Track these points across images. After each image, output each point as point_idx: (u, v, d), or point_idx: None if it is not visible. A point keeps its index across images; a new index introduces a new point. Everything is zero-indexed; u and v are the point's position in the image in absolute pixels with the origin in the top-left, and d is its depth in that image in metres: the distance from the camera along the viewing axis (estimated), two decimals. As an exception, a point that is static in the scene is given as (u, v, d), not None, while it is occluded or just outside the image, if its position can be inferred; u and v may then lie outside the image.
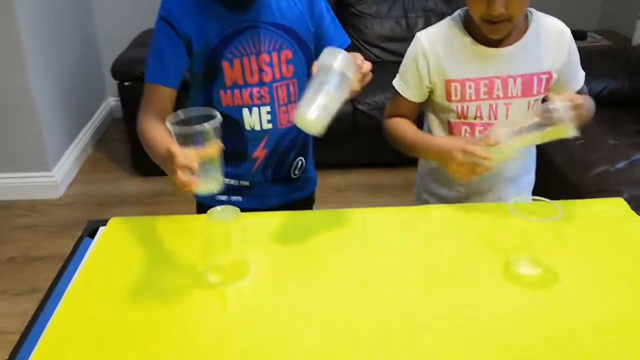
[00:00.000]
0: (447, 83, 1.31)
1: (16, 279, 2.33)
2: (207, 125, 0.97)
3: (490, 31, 1.24)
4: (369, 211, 1.29)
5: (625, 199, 2.04)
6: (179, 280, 1.05)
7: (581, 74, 1.38)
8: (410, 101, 1.38)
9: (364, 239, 1.19)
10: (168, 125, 0.99)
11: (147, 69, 1.28)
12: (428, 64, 1.31)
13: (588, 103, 1.29)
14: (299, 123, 1.04)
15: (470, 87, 1.30)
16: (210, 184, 1.00)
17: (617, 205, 1.29)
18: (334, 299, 1.01)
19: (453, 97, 1.32)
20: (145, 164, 3.02)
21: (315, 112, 1.02)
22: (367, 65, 1.13)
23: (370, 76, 1.15)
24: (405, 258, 1.12)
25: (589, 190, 2.08)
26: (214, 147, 0.99)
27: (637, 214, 2.02)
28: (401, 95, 1.39)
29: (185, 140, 0.97)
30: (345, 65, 1.06)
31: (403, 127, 1.41)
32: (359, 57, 1.13)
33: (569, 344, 0.91)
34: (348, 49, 1.18)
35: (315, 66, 1.08)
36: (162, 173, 2.74)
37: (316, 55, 1.34)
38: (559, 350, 0.90)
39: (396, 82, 1.40)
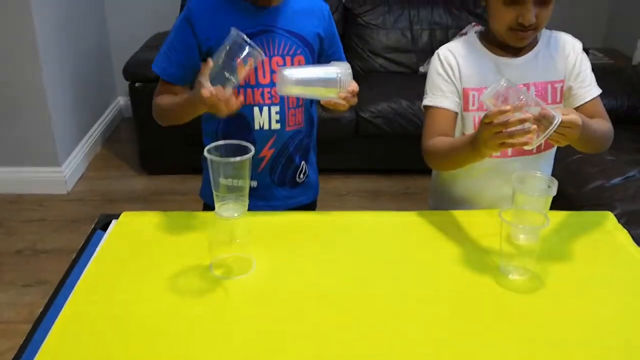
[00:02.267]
0: (466, 91, 1.36)
1: (23, 270, 2.39)
2: (238, 158, 1.02)
3: (516, 39, 1.30)
4: (368, 214, 1.36)
5: (618, 214, 2.10)
6: (186, 273, 1.11)
7: (594, 88, 1.38)
8: (448, 110, 1.35)
9: (362, 240, 1.25)
10: (205, 153, 1.04)
11: (157, 59, 1.40)
12: (452, 69, 1.36)
13: (598, 125, 1.30)
14: (277, 73, 1.22)
15: None
16: (237, 211, 1.07)
17: (605, 218, 1.34)
18: (331, 296, 1.07)
19: (470, 107, 1.36)
20: (153, 162, 3.15)
21: (292, 73, 1.20)
22: (354, 100, 1.27)
23: (349, 104, 1.28)
24: (400, 260, 1.19)
25: (583, 204, 2.14)
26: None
27: (630, 228, 2.08)
28: (436, 109, 1.35)
29: (219, 168, 1.03)
30: (344, 73, 1.21)
31: (439, 141, 1.33)
32: (354, 85, 1.26)
33: (553, 346, 0.97)
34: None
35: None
36: (168, 172, 2.86)
37: None
38: (542, 351, 0.96)
39: (428, 100, 1.37)
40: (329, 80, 1.22)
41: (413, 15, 3.47)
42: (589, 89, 1.38)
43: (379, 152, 3.14)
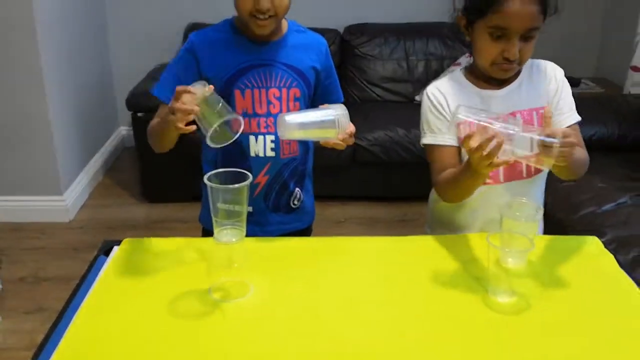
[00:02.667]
0: (457, 125, 1.41)
1: (25, 298, 2.43)
2: (237, 185, 1.08)
3: (500, 72, 1.36)
4: (362, 240, 1.40)
5: (609, 240, 2.14)
6: (186, 297, 1.15)
7: (573, 115, 1.44)
8: (451, 146, 1.40)
9: (356, 264, 1.30)
10: (205, 180, 1.09)
11: (158, 84, 1.44)
12: (442, 106, 1.41)
13: (578, 152, 1.35)
14: (278, 120, 1.27)
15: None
16: (235, 236, 1.12)
17: (590, 243, 1.38)
18: (325, 319, 1.11)
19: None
20: (153, 191, 3.20)
21: (292, 119, 1.26)
22: (351, 140, 1.34)
23: (346, 144, 1.34)
24: (394, 283, 1.23)
25: (574, 230, 2.18)
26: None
27: (620, 253, 2.12)
28: (438, 147, 1.41)
29: (218, 194, 1.09)
30: (342, 115, 1.27)
31: (448, 173, 1.38)
32: (352, 127, 1.33)
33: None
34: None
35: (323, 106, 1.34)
36: (168, 200, 2.89)
37: (315, 103, 1.50)
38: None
39: (428, 139, 1.42)
40: (328, 124, 1.28)
41: (409, 46, 3.56)
42: (568, 115, 1.43)
43: (376, 180, 3.19)
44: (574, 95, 1.47)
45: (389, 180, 3.18)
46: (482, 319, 1.11)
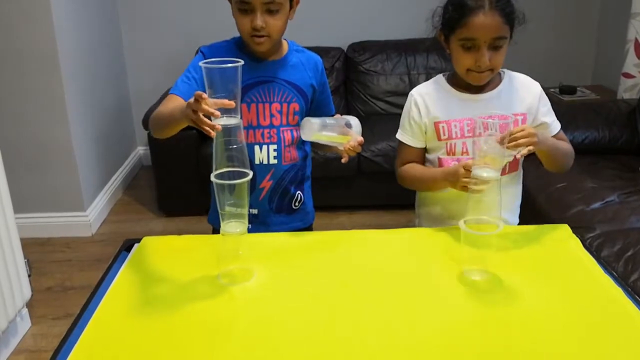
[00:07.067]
0: (436, 125, 1.58)
1: (53, 305, 2.61)
2: (238, 181, 1.24)
3: (475, 79, 1.53)
4: (356, 232, 1.56)
5: (597, 235, 2.27)
6: (198, 282, 1.31)
7: (555, 122, 1.62)
8: (414, 147, 1.62)
9: (349, 252, 1.45)
10: (212, 178, 1.23)
11: (174, 85, 1.54)
12: (420, 111, 1.59)
13: (560, 143, 1.56)
14: (303, 122, 1.48)
15: (455, 127, 1.56)
16: (238, 227, 1.28)
17: (561, 230, 1.52)
18: (319, 297, 1.26)
19: (442, 137, 1.58)
20: (169, 206, 3.37)
21: (315, 123, 1.45)
22: (358, 148, 1.49)
23: (356, 152, 1.50)
24: (382, 267, 1.37)
25: (565, 227, 2.31)
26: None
27: (607, 246, 2.25)
28: (405, 144, 1.64)
29: (223, 190, 1.24)
30: (354, 125, 1.50)
31: (412, 168, 1.63)
32: (360, 139, 1.49)
33: (508, 329, 1.15)
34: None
35: (337, 116, 1.56)
36: (184, 214, 3.05)
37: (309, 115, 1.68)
38: (500, 334, 1.14)
39: (399, 135, 1.65)
40: (344, 131, 1.47)
41: (410, 61, 3.72)
42: (553, 126, 1.61)
43: (381, 189, 3.33)
44: (569, 102, 1.63)
45: (393, 189, 3.31)
46: (458, 294, 1.25)
